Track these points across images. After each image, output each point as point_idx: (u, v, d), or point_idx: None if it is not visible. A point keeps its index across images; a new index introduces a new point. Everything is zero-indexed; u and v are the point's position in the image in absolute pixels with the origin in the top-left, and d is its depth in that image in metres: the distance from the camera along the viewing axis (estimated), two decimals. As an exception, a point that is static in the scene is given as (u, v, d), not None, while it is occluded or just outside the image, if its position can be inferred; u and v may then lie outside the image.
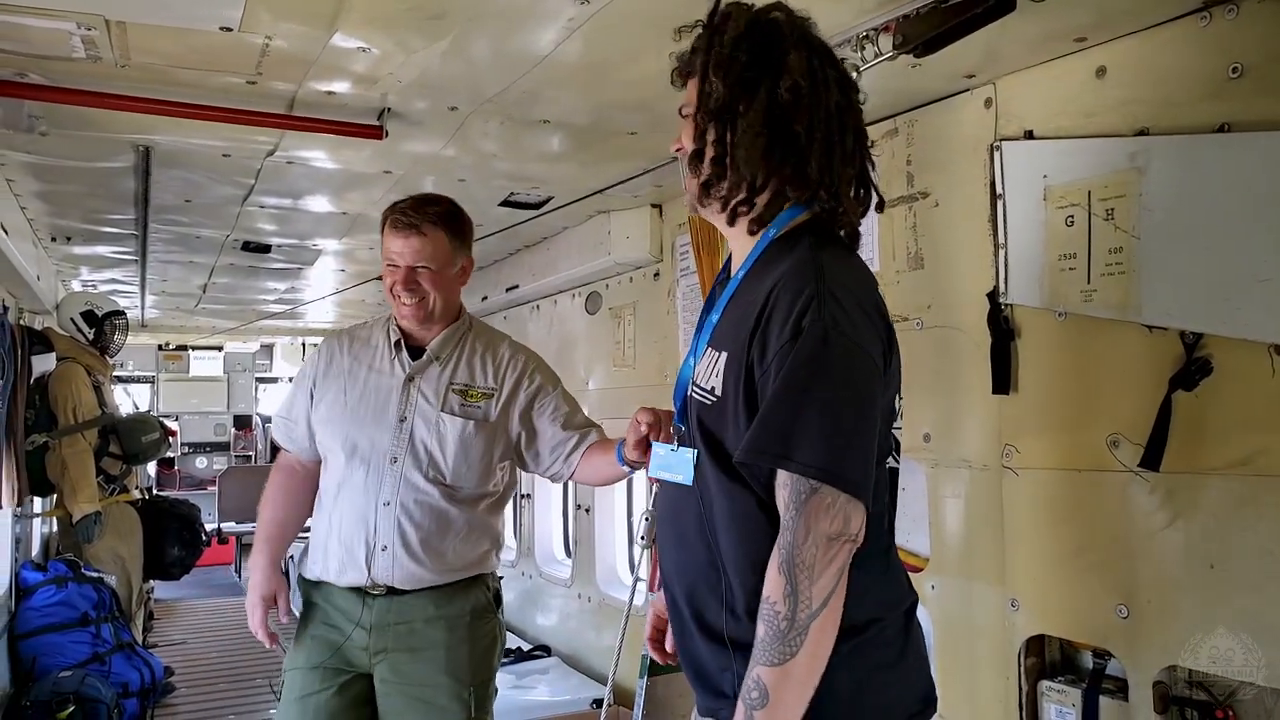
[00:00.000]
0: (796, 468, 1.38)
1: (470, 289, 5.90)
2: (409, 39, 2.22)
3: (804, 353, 1.38)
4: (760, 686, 1.37)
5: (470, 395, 2.47)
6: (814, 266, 1.45)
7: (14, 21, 2.10)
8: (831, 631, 1.38)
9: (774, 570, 1.39)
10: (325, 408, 2.48)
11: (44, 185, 3.69)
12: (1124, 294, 2.06)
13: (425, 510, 2.40)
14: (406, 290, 2.41)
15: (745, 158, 1.50)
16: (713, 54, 1.52)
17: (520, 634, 5.17)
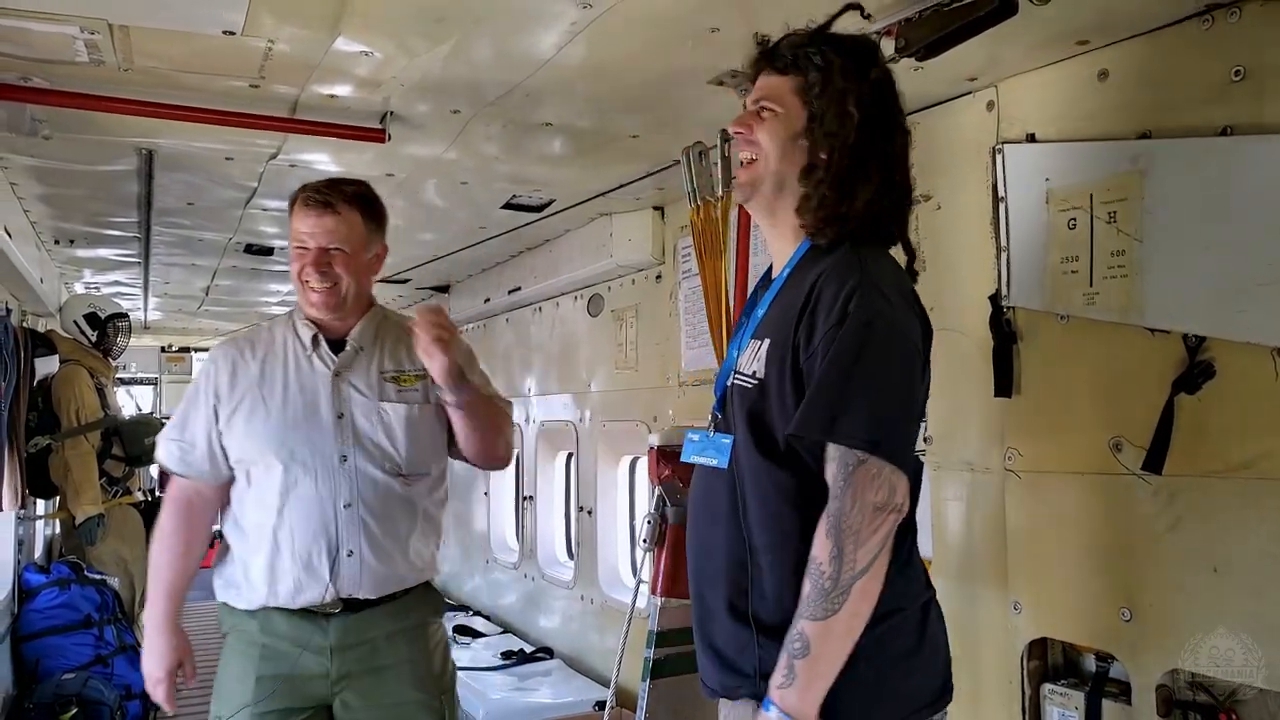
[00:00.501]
0: (845, 440, 1.50)
1: (473, 291, 5.95)
2: (411, 42, 2.22)
3: (851, 335, 1.51)
4: (803, 638, 1.48)
5: (403, 380, 2.35)
6: (856, 261, 1.59)
7: (17, 25, 2.11)
8: (873, 595, 1.49)
9: (822, 535, 1.50)
10: (244, 422, 2.27)
11: (47, 188, 3.70)
12: (1126, 297, 2.06)
13: (387, 504, 2.28)
14: (318, 273, 2.24)
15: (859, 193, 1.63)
16: (854, 84, 1.63)
17: (523, 636, 5.17)
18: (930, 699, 1.67)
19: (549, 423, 5.03)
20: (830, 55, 1.65)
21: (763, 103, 1.69)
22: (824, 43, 1.67)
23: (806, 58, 1.65)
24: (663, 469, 2.62)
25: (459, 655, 4.77)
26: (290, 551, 2.21)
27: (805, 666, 1.48)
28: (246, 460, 2.28)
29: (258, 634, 2.25)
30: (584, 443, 4.63)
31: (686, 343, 3.70)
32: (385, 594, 2.29)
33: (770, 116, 1.67)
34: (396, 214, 4.02)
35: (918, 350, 1.60)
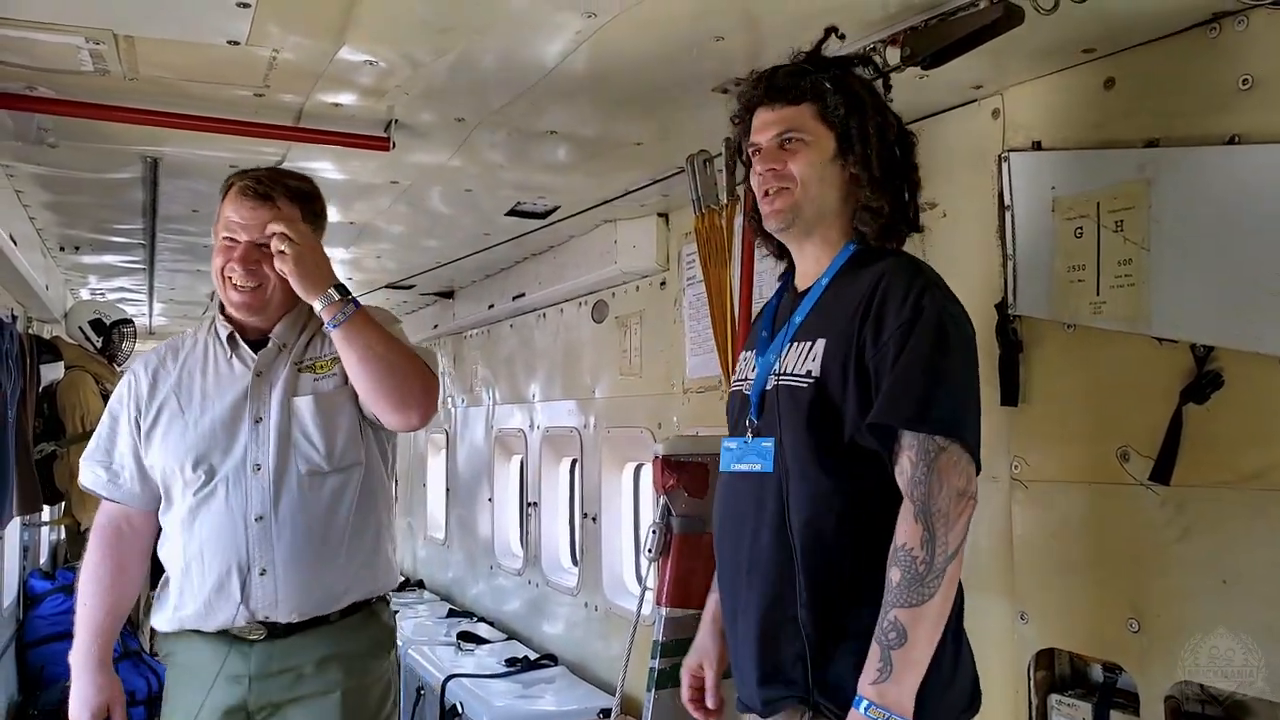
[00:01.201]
0: (932, 426, 1.55)
1: (477, 297, 5.97)
2: (416, 52, 2.22)
3: (928, 330, 1.58)
4: (898, 627, 1.49)
5: (319, 367, 2.17)
6: (916, 263, 1.71)
7: (23, 36, 2.11)
8: (957, 579, 1.53)
9: (909, 520, 1.52)
10: (161, 432, 2.12)
11: (53, 196, 3.71)
12: (1134, 306, 2.05)
13: (308, 513, 2.08)
14: (245, 270, 2.07)
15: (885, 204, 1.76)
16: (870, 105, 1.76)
17: (526, 642, 5.16)
18: (966, 703, 1.72)
19: (553, 429, 5.03)
20: (839, 76, 1.74)
21: (789, 134, 1.74)
22: (826, 66, 1.77)
23: (817, 84, 1.72)
24: (668, 478, 2.61)
25: (463, 662, 4.79)
26: (200, 570, 2.06)
27: (901, 656, 1.49)
28: (165, 474, 2.12)
29: (186, 660, 2.12)
30: (588, 449, 4.62)
31: (691, 349, 3.69)
32: (311, 616, 2.10)
33: (801, 146, 1.74)
34: (401, 221, 4.06)
35: (976, 348, 1.70)
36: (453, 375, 6.62)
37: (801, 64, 1.77)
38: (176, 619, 2.12)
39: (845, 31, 2.04)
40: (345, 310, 2.07)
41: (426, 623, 5.85)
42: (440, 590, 6.83)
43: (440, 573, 6.92)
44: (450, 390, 6.68)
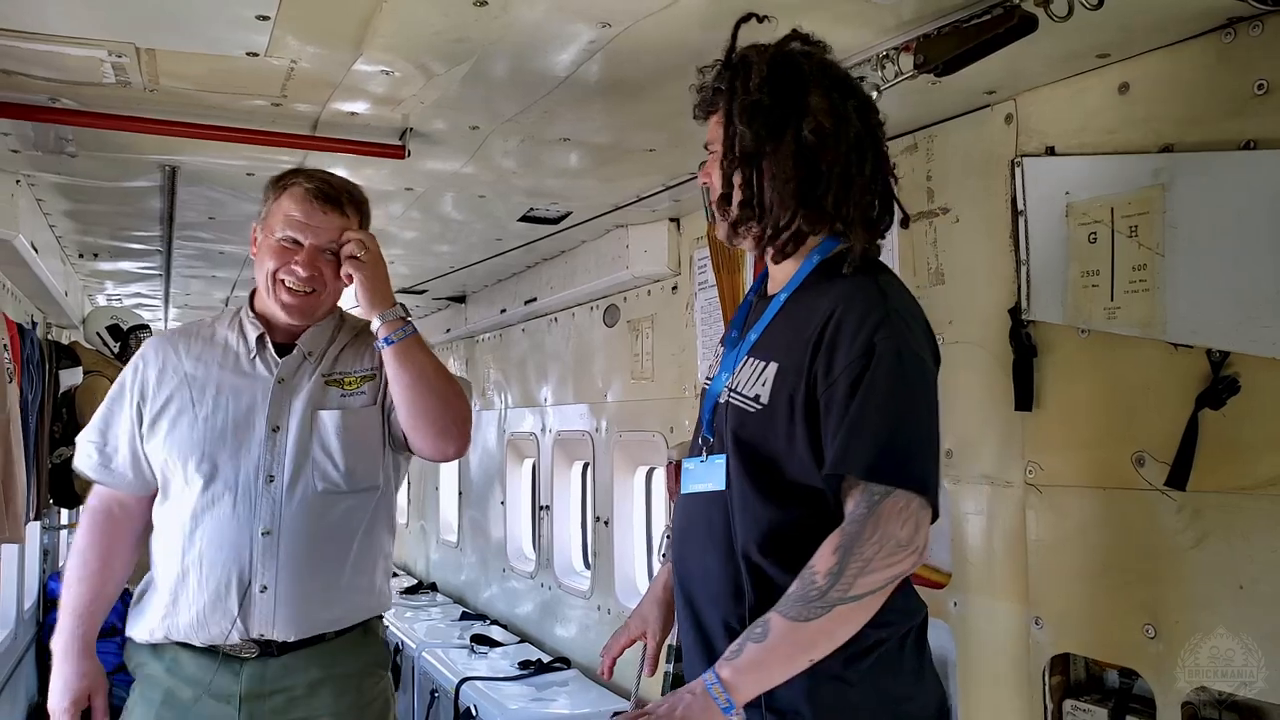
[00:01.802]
0: (882, 478, 1.45)
1: (490, 301, 5.99)
2: (431, 63, 2.24)
3: (881, 369, 1.47)
4: (766, 625, 1.45)
5: (348, 382, 2.11)
6: (877, 289, 1.55)
7: (49, 50, 2.14)
8: (853, 624, 1.44)
9: (828, 548, 1.45)
10: (167, 426, 2.02)
11: (72, 204, 3.75)
12: (1148, 311, 2.05)
13: (317, 531, 2.01)
14: (309, 275, 2.02)
15: (775, 200, 1.58)
16: (737, 99, 1.58)
17: (539, 645, 5.18)
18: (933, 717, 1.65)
19: (565, 433, 5.05)
20: (725, 77, 1.63)
21: (707, 145, 1.69)
22: (725, 67, 1.65)
23: (716, 89, 1.65)
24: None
25: (476, 665, 4.81)
26: (197, 579, 1.96)
27: (755, 650, 1.44)
28: (167, 471, 2.02)
29: (163, 676, 2.02)
30: (600, 453, 4.63)
31: (703, 353, 3.70)
32: (307, 636, 2.03)
33: (712, 157, 1.67)
34: (414, 226, 4.08)
35: (936, 383, 1.58)
36: (465, 379, 6.64)
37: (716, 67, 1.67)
38: (164, 628, 2.00)
39: (859, 38, 2.05)
40: (405, 329, 2.06)
41: (440, 625, 5.88)
42: (453, 593, 6.85)
43: (453, 575, 6.94)
44: (463, 394, 6.70)
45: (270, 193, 2.11)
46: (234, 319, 2.14)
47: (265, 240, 2.07)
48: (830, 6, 1.89)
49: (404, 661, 5.50)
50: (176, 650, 2.01)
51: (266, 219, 2.09)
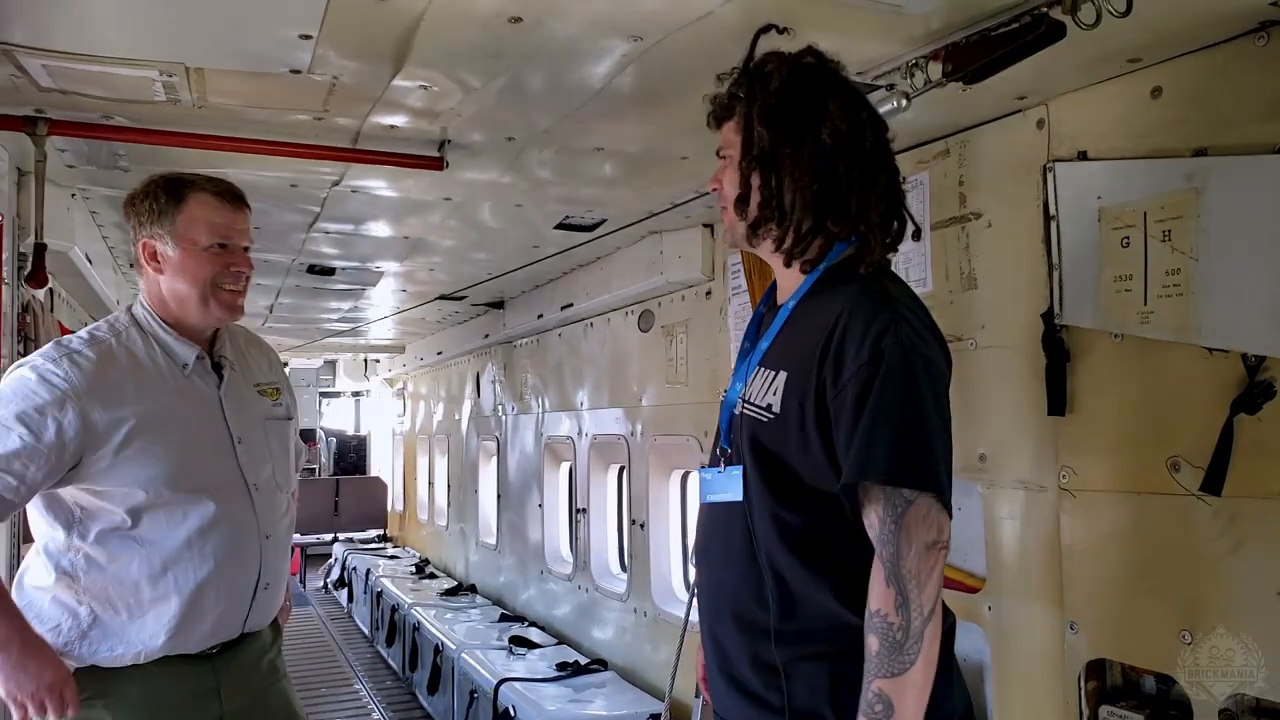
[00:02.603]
0: (907, 483, 1.45)
1: (526, 307, 6.05)
2: (468, 77, 2.29)
3: (891, 374, 1.47)
4: (884, 699, 1.42)
5: (269, 393, 2.20)
6: (882, 293, 1.55)
7: (104, 70, 2.23)
8: (939, 635, 1.45)
9: (880, 584, 1.45)
10: (137, 454, 1.93)
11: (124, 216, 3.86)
12: (1183, 316, 2.04)
13: (287, 529, 2.21)
14: (247, 274, 2.09)
15: (794, 202, 1.60)
16: (757, 103, 1.61)
17: (576, 647, 5.23)
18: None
19: (601, 436, 5.09)
20: (743, 84, 1.65)
21: (720, 151, 1.70)
22: (742, 75, 1.67)
23: (733, 96, 1.67)
24: (716, 487, 2.64)
25: (515, 666, 4.87)
26: (216, 590, 2.01)
27: None
28: (131, 496, 1.94)
29: (142, 698, 1.97)
30: (635, 457, 4.67)
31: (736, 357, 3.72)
32: (268, 620, 2.22)
33: (727, 162, 1.68)
34: (453, 235, 4.15)
35: (948, 384, 1.57)
36: (503, 383, 6.72)
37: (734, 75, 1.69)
38: (169, 645, 1.98)
39: (888, 47, 2.08)
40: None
41: (479, 627, 5.95)
42: (492, 595, 6.93)
43: (492, 577, 7.02)
44: (500, 398, 6.78)
45: (165, 204, 2.04)
46: (145, 336, 2.05)
47: (185, 252, 2.02)
48: (860, 17, 1.91)
49: (443, 662, 5.58)
50: (149, 670, 1.97)
51: (178, 230, 2.02)
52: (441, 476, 8.59)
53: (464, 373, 7.76)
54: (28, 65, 2.20)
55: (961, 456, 2.51)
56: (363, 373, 11.31)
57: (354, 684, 7.10)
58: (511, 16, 1.93)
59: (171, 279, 2.04)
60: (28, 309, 3.25)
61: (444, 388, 8.53)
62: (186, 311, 2.06)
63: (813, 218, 1.61)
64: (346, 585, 9.69)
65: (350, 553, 9.90)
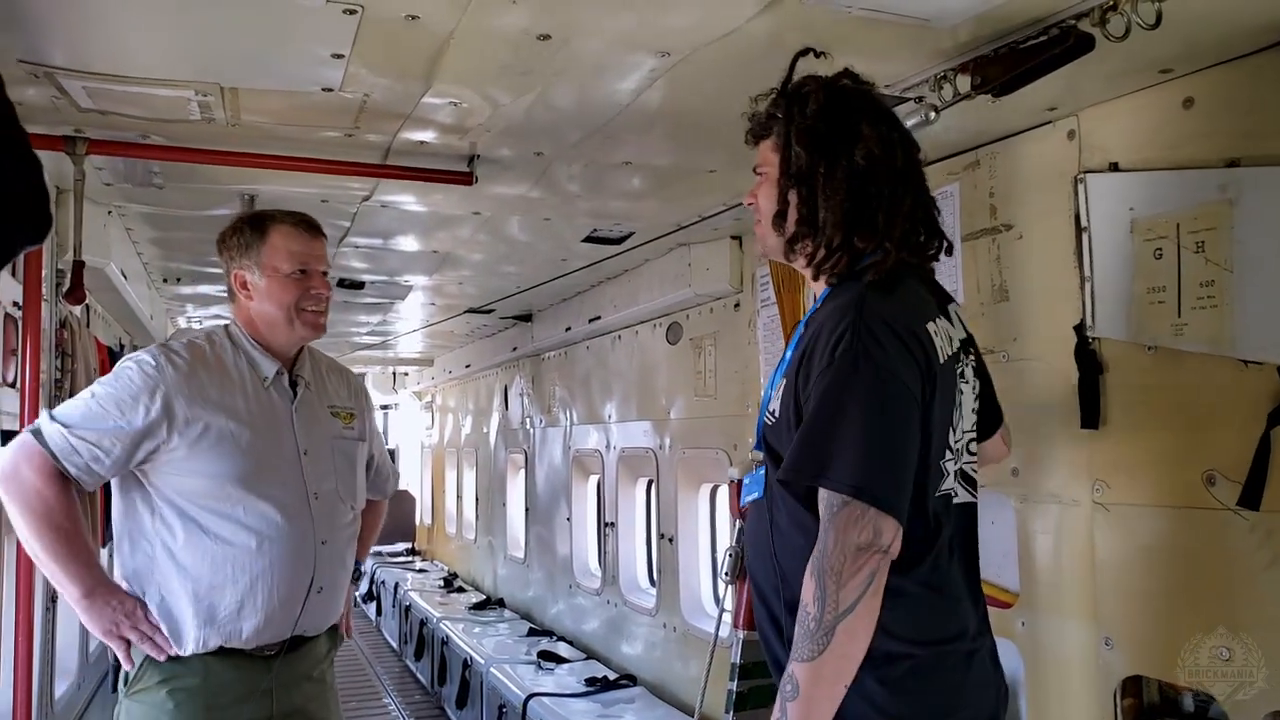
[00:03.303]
0: (827, 483, 1.53)
1: (555, 319, 6.08)
2: (497, 94, 2.32)
3: (837, 377, 1.55)
4: (793, 680, 1.50)
5: (343, 416, 2.37)
6: (856, 301, 1.61)
7: (141, 91, 2.28)
8: (861, 636, 1.49)
9: (807, 576, 1.53)
10: (210, 449, 2.11)
11: (158, 232, 3.94)
12: (1217, 327, 2.02)
13: (347, 539, 2.33)
14: (327, 299, 2.27)
15: (827, 219, 1.67)
16: (794, 124, 1.69)
17: (605, 662, 5.22)
18: None
19: (629, 449, 5.10)
20: (781, 105, 1.73)
21: (757, 168, 1.78)
22: (781, 96, 1.75)
23: (771, 116, 1.74)
24: (744, 501, 2.64)
25: (544, 681, 4.87)
26: (267, 587, 2.13)
27: (796, 709, 1.49)
28: (202, 490, 2.11)
29: (199, 687, 2.11)
30: (664, 470, 4.67)
31: (766, 371, 3.72)
32: (327, 628, 2.34)
33: (763, 179, 1.77)
34: (482, 248, 4.19)
35: (909, 392, 1.56)
36: (531, 396, 6.75)
37: (772, 95, 1.77)
38: (221, 635, 2.11)
39: (916, 60, 2.07)
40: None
41: (508, 641, 5.96)
42: (520, 609, 6.93)
43: (520, 591, 7.03)
44: (528, 411, 6.81)
45: (250, 238, 2.25)
46: (235, 349, 2.25)
47: (271, 279, 2.23)
48: (888, 31, 1.92)
49: (472, 677, 5.59)
50: (210, 659, 2.12)
51: (263, 260, 2.23)
52: (470, 489, 8.63)
53: (492, 386, 7.80)
54: (68, 87, 2.25)
55: (993, 470, 2.51)
56: (392, 386, 11.40)
57: (383, 698, 7.13)
58: (540, 34, 1.96)
59: (260, 304, 2.26)
60: (65, 324, 3.32)
61: (472, 401, 8.57)
62: (275, 333, 2.27)
63: (842, 234, 1.67)
64: (375, 599, 9.74)
65: (379, 566, 9.96)
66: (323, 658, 2.35)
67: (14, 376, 2.94)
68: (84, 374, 3.47)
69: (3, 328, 2.88)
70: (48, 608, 3.23)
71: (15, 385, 2.93)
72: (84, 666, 4.14)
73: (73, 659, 3.92)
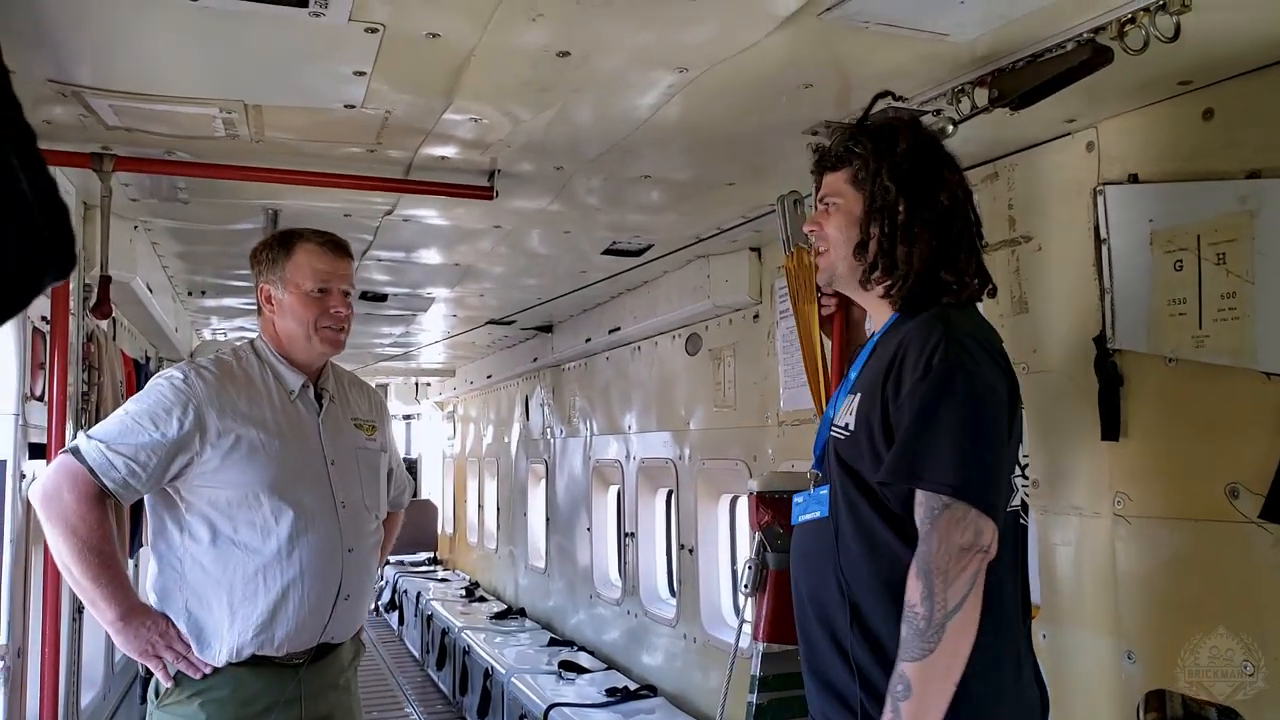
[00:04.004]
0: (929, 485, 1.58)
1: (574, 330, 6.10)
2: (517, 110, 2.34)
3: (935, 386, 1.61)
4: (904, 680, 1.55)
5: (365, 428, 2.43)
6: (940, 319, 1.70)
7: (168, 109, 2.32)
8: (968, 633, 1.55)
9: (912, 577, 1.58)
10: (242, 460, 2.16)
11: (183, 246, 3.99)
12: (1239, 339, 2.01)
13: (372, 548, 2.37)
14: (348, 318, 2.32)
15: (913, 253, 1.76)
16: (885, 159, 1.77)
17: (626, 672, 5.22)
18: None
19: (649, 460, 5.10)
20: (865, 142, 1.80)
21: (826, 199, 1.85)
22: (861, 132, 1.83)
23: (850, 149, 1.81)
24: (763, 514, 2.64)
25: (564, 691, 4.87)
26: (298, 596, 2.17)
27: (909, 708, 1.54)
28: (234, 500, 2.15)
29: (230, 698, 2.14)
30: (684, 481, 4.67)
31: (785, 382, 3.72)
32: (352, 635, 2.38)
33: (833, 209, 1.83)
34: (502, 261, 4.21)
35: (1002, 401, 1.66)
36: (551, 406, 6.77)
37: (850, 130, 1.85)
38: (254, 644, 2.14)
39: (934, 72, 2.08)
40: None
41: (529, 651, 5.97)
42: (541, 618, 6.94)
43: (541, 601, 7.04)
44: (549, 421, 6.83)
45: (277, 254, 2.31)
46: (261, 363, 2.31)
47: (293, 295, 2.29)
48: (906, 44, 1.92)
49: (494, 687, 5.60)
50: (238, 670, 2.15)
51: (287, 276, 2.29)
52: (491, 499, 8.66)
53: (513, 396, 7.83)
54: (95, 105, 2.29)
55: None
56: (414, 396, 11.46)
57: (405, 707, 7.16)
58: (560, 51, 1.98)
59: (282, 319, 2.32)
60: (92, 338, 3.37)
61: (493, 411, 8.61)
62: (295, 347, 2.32)
63: (928, 268, 1.75)
64: (398, 608, 9.78)
65: (401, 575, 10.00)
66: (347, 665, 2.39)
67: (42, 390, 2.99)
68: (110, 387, 3.52)
69: (31, 342, 2.93)
70: (74, 618, 3.27)
71: (43, 398, 2.98)
72: (109, 677, 4.18)
73: (98, 669, 3.96)
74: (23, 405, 2.85)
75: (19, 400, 2.83)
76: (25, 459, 2.85)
